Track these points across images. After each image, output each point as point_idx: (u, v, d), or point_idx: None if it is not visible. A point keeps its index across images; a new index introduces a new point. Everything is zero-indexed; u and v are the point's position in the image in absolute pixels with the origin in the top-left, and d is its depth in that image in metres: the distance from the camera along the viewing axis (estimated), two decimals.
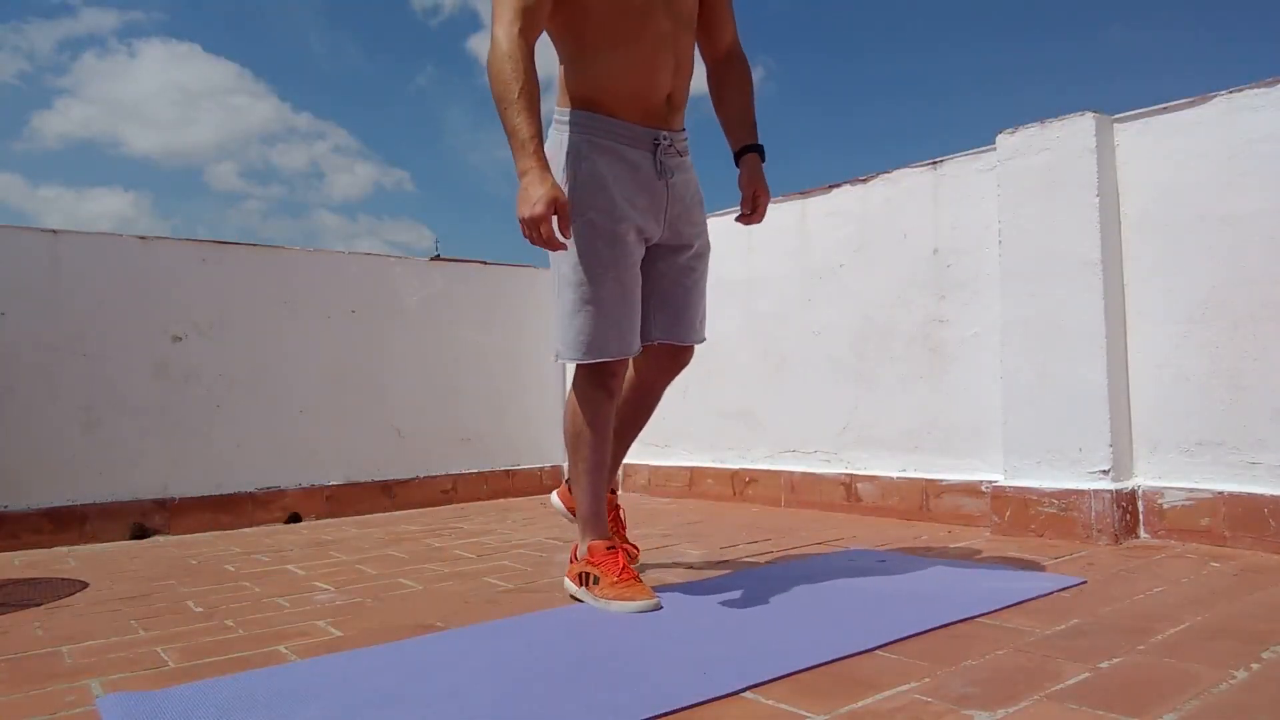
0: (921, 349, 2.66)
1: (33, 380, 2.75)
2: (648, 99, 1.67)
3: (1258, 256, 2.01)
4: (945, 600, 1.58)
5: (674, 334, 1.77)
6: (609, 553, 1.68)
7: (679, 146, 1.73)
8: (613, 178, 1.64)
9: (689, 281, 1.79)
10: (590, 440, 1.72)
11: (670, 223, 1.72)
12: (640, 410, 1.92)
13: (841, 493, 2.82)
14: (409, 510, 3.37)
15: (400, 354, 3.48)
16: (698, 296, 1.81)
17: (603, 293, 1.63)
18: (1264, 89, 2.02)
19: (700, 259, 1.81)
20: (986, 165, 2.48)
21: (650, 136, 1.68)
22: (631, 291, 1.68)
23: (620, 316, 1.65)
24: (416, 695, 1.18)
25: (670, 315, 1.77)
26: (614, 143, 1.65)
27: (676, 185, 1.72)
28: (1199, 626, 1.39)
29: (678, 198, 1.73)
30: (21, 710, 1.21)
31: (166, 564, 2.36)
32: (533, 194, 1.47)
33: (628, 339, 1.67)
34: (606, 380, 1.70)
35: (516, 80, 1.51)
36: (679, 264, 1.77)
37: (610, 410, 1.74)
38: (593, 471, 1.74)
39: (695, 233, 1.78)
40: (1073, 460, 2.20)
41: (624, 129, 1.66)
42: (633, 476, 3.62)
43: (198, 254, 3.08)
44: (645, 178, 1.67)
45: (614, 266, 1.64)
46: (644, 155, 1.68)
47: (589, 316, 1.64)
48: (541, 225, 1.47)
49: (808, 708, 1.09)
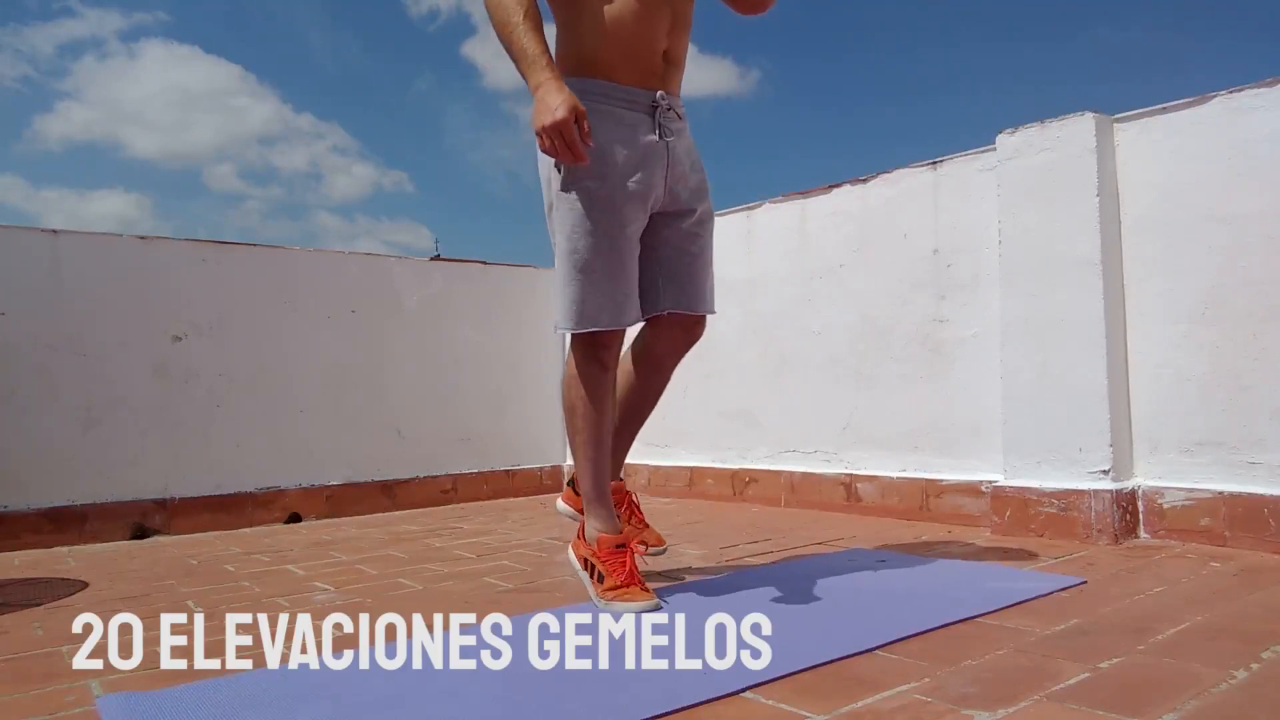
0: (921, 349, 2.66)
1: (33, 380, 2.75)
2: (645, 56, 1.64)
3: (1258, 256, 2.01)
4: (945, 600, 1.58)
5: (683, 303, 1.73)
6: (617, 552, 1.65)
7: (678, 110, 1.71)
8: (610, 143, 1.61)
9: (694, 249, 1.75)
10: (585, 413, 1.68)
11: (670, 187, 1.69)
12: (649, 393, 1.86)
13: (841, 493, 2.82)
14: (409, 510, 3.37)
15: (400, 354, 3.48)
16: (704, 264, 1.77)
17: (597, 262, 1.61)
18: (1264, 89, 2.02)
19: (703, 225, 1.77)
20: (986, 165, 2.48)
21: (648, 99, 1.65)
22: (628, 262, 1.65)
23: (614, 287, 1.63)
24: (416, 695, 1.18)
25: (678, 284, 1.73)
26: (611, 106, 1.62)
27: (675, 149, 1.69)
28: (1199, 626, 1.39)
29: (677, 161, 1.69)
30: (21, 710, 1.21)
31: (166, 564, 2.36)
32: (551, 101, 1.46)
33: (622, 310, 1.64)
34: (599, 352, 1.67)
35: (520, 4, 1.53)
36: (682, 230, 1.73)
37: (606, 383, 1.70)
38: (591, 445, 1.70)
39: (697, 198, 1.75)
40: (1073, 460, 2.20)
41: (621, 92, 1.63)
42: (633, 476, 3.62)
43: (198, 254, 3.08)
44: (644, 141, 1.64)
45: (609, 236, 1.61)
46: (642, 118, 1.65)
47: (582, 285, 1.62)
48: (564, 129, 1.46)
49: (808, 708, 1.09)
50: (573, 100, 1.48)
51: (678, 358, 1.83)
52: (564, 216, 1.62)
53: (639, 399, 1.86)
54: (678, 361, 1.84)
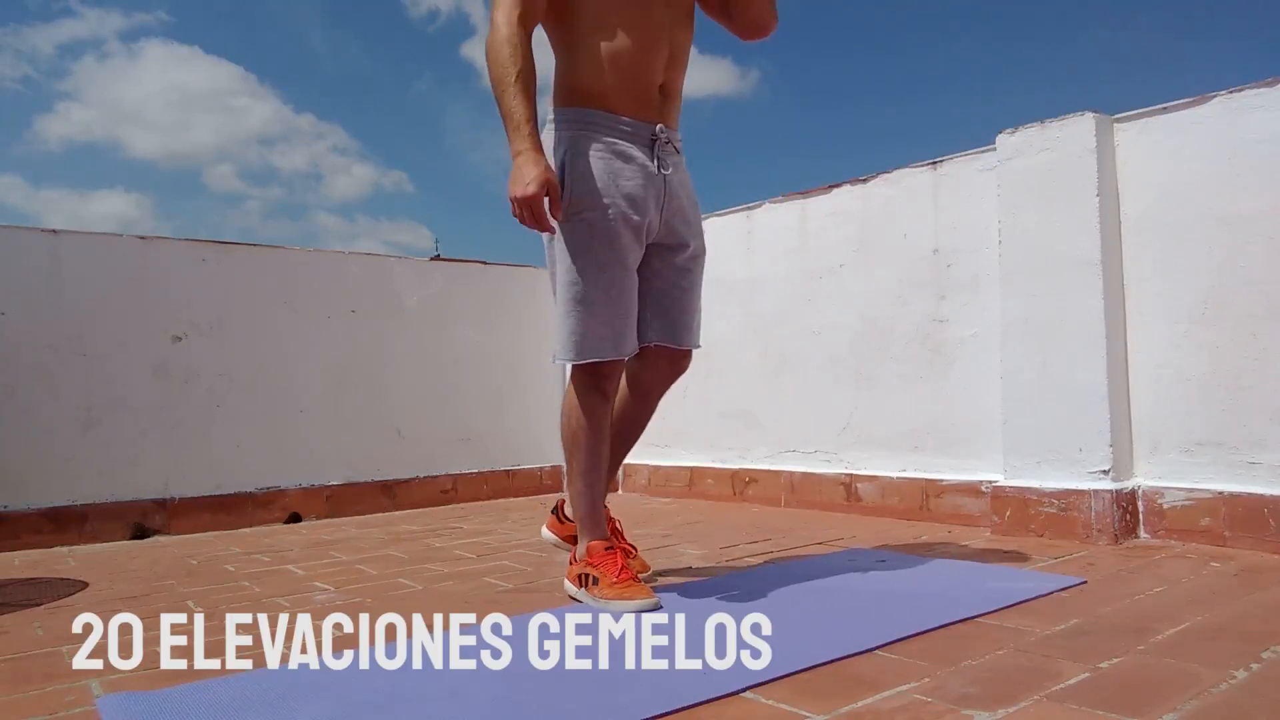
0: (921, 349, 2.66)
1: (33, 380, 2.75)
2: (641, 89, 1.66)
3: (1258, 256, 2.01)
4: (945, 600, 1.58)
5: (669, 337, 1.76)
6: (608, 553, 1.67)
7: (675, 144, 1.73)
8: (610, 175, 1.63)
9: (685, 283, 1.78)
10: (586, 442, 1.71)
11: (666, 220, 1.71)
12: (637, 420, 1.89)
13: (841, 493, 2.82)
14: (409, 510, 3.37)
15: (400, 354, 3.48)
16: (693, 299, 1.80)
17: (597, 294, 1.63)
18: (1264, 89, 2.02)
19: (696, 261, 1.80)
20: (986, 165, 2.48)
21: (647, 131, 1.67)
22: (627, 293, 1.67)
23: (614, 317, 1.64)
24: (416, 695, 1.18)
25: (666, 318, 1.75)
26: (611, 138, 1.64)
27: (673, 182, 1.71)
28: (1199, 626, 1.39)
29: (674, 194, 1.71)
30: (21, 710, 1.21)
31: (166, 564, 2.36)
32: (526, 174, 1.51)
33: (622, 340, 1.66)
34: (601, 382, 1.69)
35: (514, 64, 1.55)
36: (675, 265, 1.76)
37: (606, 412, 1.72)
38: (589, 473, 1.73)
39: (691, 233, 1.77)
40: (1073, 460, 2.20)
41: (620, 123, 1.65)
42: (633, 476, 3.62)
43: (198, 254, 3.07)
44: (642, 173, 1.66)
45: (609, 267, 1.63)
46: (641, 150, 1.66)
47: (582, 317, 1.63)
48: (534, 204, 1.51)
49: (808, 708, 1.09)
50: (546, 175, 1.53)
51: (663, 389, 1.86)
52: (563, 248, 1.64)
53: (627, 426, 1.88)
54: (663, 392, 1.86)
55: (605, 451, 1.75)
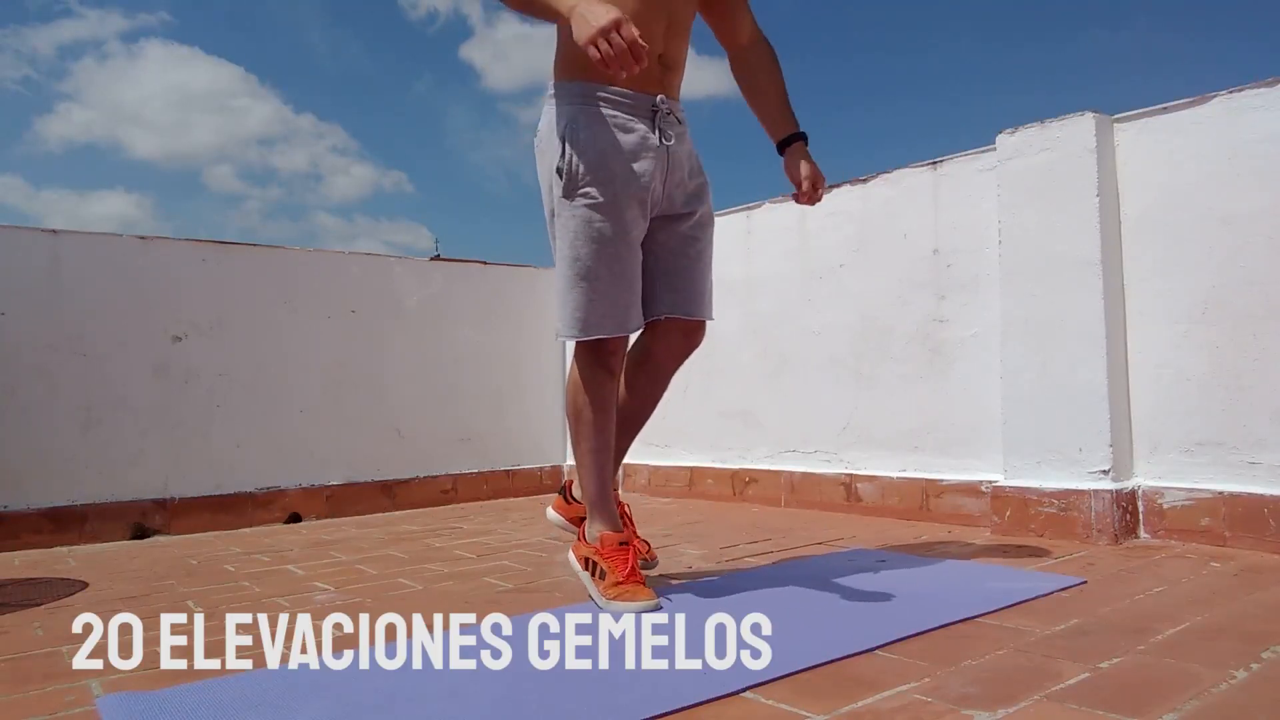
0: (921, 349, 2.66)
1: (33, 380, 2.75)
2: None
3: (1258, 256, 2.01)
4: (945, 600, 1.58)
5: (680, 307, 1.73)
6: (620, 549, 1.64)
7: (677, 114, 1.70)
8: (612, 149, 1.61)
9: (692, 252, 1.74)
10: (591, 419, 1.68)
11: (670, 191, 1.68)
12: (649, 395, 1.85)
13: (841, 493, 2.82)
14: (409, 510, 3.37)
15: (400, 354, 3.48)
16: (702, 268, 1.76)
17: (600, 269, 1.61)
18: (1264, 89, 2.02)
19: (702, 229, 1.76)
20: (986, 165, 2.48)
21: (648, 103, 1.65)
22: (630, 268, 1.65)
23: (617, 293, 1.63)
24: (416, 695, 1.18)
25: (676, 289, 1.72)
26: (611, 110, 1.62)
27: (675, 152, 1.68)
28: (1199, 626, 1.39)
29: (677, 164, 1.69)
30: (21, 710, 1.21)
31: (166, 564, 2.36)
32: (596, 11, 1.42)
33: (625, 316, 1.64)
34: (605, 358, 1.67)
35: None
36: (680, 233, 1.73)
37: (612, 389, 1.70)
38: (596, 452, 1.70)
39: (696, 201, 1.74)
40: (1072, 460, 2.20)
41: (620, 95, 1.63)
42: (633, 476, 3.62)
43: (198, 254, 3.08)
44: (644, 145, 1.64)
45: (612, 243, 1.61)
46: (642, 121, 1.64)
47: (585, 293, 1.62)
48: (621, 28, 1.40)
49: (808, 708, 1.09)
50: (617, 13, 1.43)
51: (677, 364, 1.82)
52: (566, 223, 1.62)
53: (638, 405, 1.85)
54: (677, 367, 1.83)
55: (612, 430, 1.72)
